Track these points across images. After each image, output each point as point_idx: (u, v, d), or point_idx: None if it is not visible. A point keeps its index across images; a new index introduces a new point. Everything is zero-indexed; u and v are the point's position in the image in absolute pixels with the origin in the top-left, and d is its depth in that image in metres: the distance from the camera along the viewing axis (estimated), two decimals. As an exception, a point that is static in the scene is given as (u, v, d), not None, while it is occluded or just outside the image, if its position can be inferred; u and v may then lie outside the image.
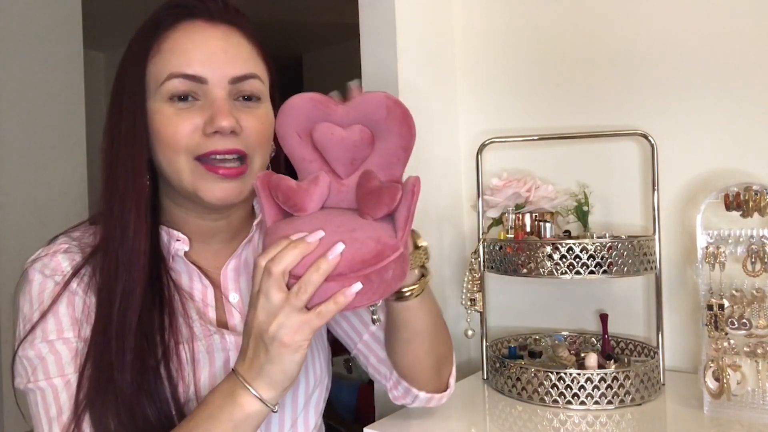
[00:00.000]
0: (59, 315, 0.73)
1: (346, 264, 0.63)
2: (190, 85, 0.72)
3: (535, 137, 1.33)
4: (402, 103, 0.69)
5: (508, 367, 1.14)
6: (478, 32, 1.51)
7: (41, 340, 0.72)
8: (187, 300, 0.78)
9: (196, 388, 0.75)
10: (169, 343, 0.74)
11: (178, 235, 0.79)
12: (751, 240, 1.03)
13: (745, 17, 1.18)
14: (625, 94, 1.31)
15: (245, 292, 0.82)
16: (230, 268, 0.83)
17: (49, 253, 0.76)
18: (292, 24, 4.09)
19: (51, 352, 0.72)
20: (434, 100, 1.46)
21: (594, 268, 1.08)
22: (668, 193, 1.24)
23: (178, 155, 0.72)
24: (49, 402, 0.71)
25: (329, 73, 4.68)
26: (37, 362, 0.72)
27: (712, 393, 1.00)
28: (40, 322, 0.73)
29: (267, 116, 0.78)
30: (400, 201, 0.65)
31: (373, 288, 0.64)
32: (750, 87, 1.18)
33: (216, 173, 0.73)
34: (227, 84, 0.73)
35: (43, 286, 0.74)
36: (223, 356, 0.78)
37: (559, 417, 1.03)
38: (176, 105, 0.72)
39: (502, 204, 1.24)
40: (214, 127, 0.71)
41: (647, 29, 1.28)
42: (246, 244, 0.84)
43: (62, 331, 0.73)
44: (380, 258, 0.63)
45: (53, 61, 2.42)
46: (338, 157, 0.69)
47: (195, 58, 0.72)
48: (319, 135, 0.69)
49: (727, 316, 1.01)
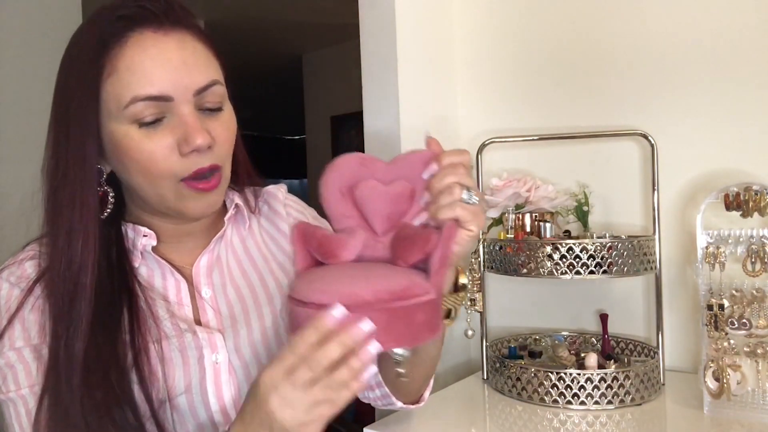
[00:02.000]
0: (25, 321, 0.73)
1: (372, 292, 0.60)
2: (155, 106, 0.69)
3: (535, 137, 1.33)
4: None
5: (508, 367, 1.14)
6: (478, 32, 1.51)
7: (9, 348, 0.72)
8: (154, 300, 0.77)
9: (168, 388, 0.73)
10: (139, 346, 0.72)
11: (144, 231, 0.78)
12: (751, 240, 1.03)
13: (745, 17, 1.18)
14: (625, 94, 1.31)
15: (218, 288, 0.81)
16: (202, 264, 0.81)
17: (16, 261, 0.76)
18: (292, 24, 4.09)
19: (20, 360, 0.72)
20: (434, 100, 1.46)
21: (594, 268, 1.08)
22: (668, 193, 1.24)
23: (161, 180, 0.71)
24: (21, 414, 0.71)
25: (329, 73, 4.68)
26: (6, 371, 0.72)
27: (712, 393, 1.00)
28: (7, 329, 0.72)
29: (231, 121, 0.76)
30: (435, 246, 0.64)
31: (399, 328, 0.60)
32: (750, 87, 1.18)
33: (196, 189, 0.72)
34: (192, 97, 0.70)
35: (10, 294, 0.74)
36: (197, 354, 0.76)
37: (559, 417, 1.03)
38: (143, 128, 0.69)
39: (502, 204, 1.24)
40: (191, 146, 0.69)
41: (647, 29, 1.28)
42: (218, 240, 0.83)
43: (29, 338, 0.72)
44: (408, 293, 0.61)
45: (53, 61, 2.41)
46: (378, 211, 0.70)
47: (155, 76, 0.68)
48: (361, 190, 0.70)
49: (727, 316, 1.01)
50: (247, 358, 0.78)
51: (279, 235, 0.89)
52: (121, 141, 0.70)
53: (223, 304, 0.81)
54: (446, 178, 0.67)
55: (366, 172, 0.71)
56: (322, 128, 4.71)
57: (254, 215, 0.89)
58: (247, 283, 0.83)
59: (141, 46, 0.69)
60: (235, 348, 0.78)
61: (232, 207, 0.84)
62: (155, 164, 0.70)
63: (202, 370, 0.75)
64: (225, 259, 0.84)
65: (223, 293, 0.82)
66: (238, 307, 0.81)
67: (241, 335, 0.79)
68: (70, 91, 0.71)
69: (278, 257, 0.87)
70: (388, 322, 0.59)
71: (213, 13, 3.62)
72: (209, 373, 0.76)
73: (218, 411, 0.76)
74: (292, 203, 0.92)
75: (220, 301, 0.81)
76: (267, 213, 0.90)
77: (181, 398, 0.74)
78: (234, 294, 0.82)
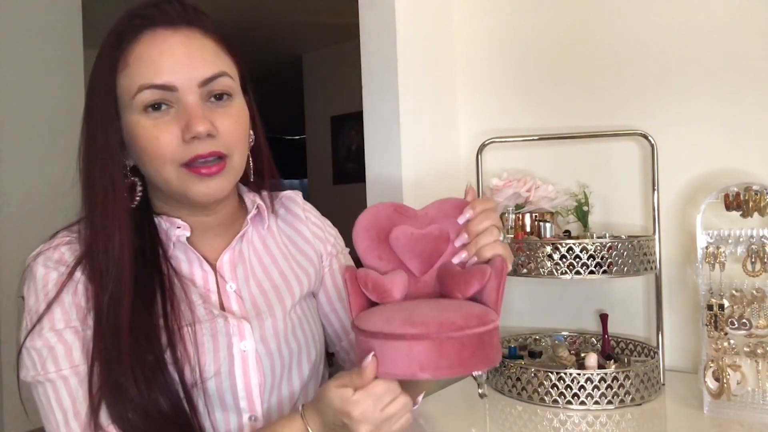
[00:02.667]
0: (65, 304, 0.74)
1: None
2: (160, 94, 0.73)
3: (535, 137, 1.33)
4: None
5: (508, 367, 1.14)
6: (478, 33, 1.51)
7: (49, 329, 0.73)
8: (188, 285, 0.80)
9: (200, 372, 0.76)
10: (173, 328, 0.76)
11: (178, 222, 0.81)
12: (751, 240, 1.03)
13: (744, 18, 1.18)
14: (625, 94, 1.31)
15: (242, 281, 0.85)
16: (225, 261, 0.85)
17: (51, 247, 0.78)
18: (292, 24, 4.10)
19: (60, 342, 0.73)
20: (434, 100, 1.46)
21: (594, 268, 1.08)
22: (668, 193, 1.24)
23: (164, 165, 0.75)
24: (62, 395, 0.72)
25: (329, 73, 4.69)
26: (45, 353, 0.73)
27: (712, 393, 1.00)
28: (47, 313, 0.74)
29: (240, 113, 0.80)
30: (489, 279, 0.70)
31: (484, 351, 0.66)
32: (750, 87, 1.18)
33: (198, 173, 0.76)
34: (197, 88, 0.75)
35: (48, 277, 0.75)
36: (227, 341, 0.79)
37: (559, 417, 1.03)
38: (152, 115, 0.74)
39: (502, 204, 1.24)
40: (191, 133, 0.73)
41: (647, 30, 1.28)
42: (240, 238, 0.86)
43: (70, 320, 0.74)
44: (486, 319, 0.67)
45: (53, 61, 2.42)
46: (416, 253, 0.76)
47: (162, 66, 0.73)
48: (397, 234, 0.76)
49: (727, 316, 1.01)
50: (272, 347, 0.82)
51: (298, 236, 0.93)
52: (133, 130, 0.75)
53: (247, 296, 0.84)
54: (485, 222, 0.75)
55: (400, 218, 0.77)
56: (322, 128, 4.72)
57: (273, 216, 0.92)
58: (269, 278, 0.87)
59: (150, 42, 0.74)
60: (261, 338, 0.81)
61: (254, 208, 0.87)
62: (160, 150, 0.74)
63: (230, 356, 0.78)
64: (247, 256, 0.87)
65: (247, 287, 0.85)
66: (261, 299, 0.84)
67: (267, 325, 0.82)
68: (94, 86, 0.77)
69: (297, 257, 0.91)
70: (477, 346, 0.65)
71: (213, 13, 3.58)
72: (237, 360, 0.79)
73: (244, 398, 0.79)
74: (310, 210, 0.97)
75: (245, 294, 0.84)
76: (285, 216, 0.94)
77: (210, 382, 0.77)
78: (257, 288, 0.85)
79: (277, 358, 0.82)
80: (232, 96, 0.78)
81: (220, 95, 0.77)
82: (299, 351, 0.85)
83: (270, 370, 0.81)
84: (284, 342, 0.83)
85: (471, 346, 0.65)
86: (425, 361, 0.64)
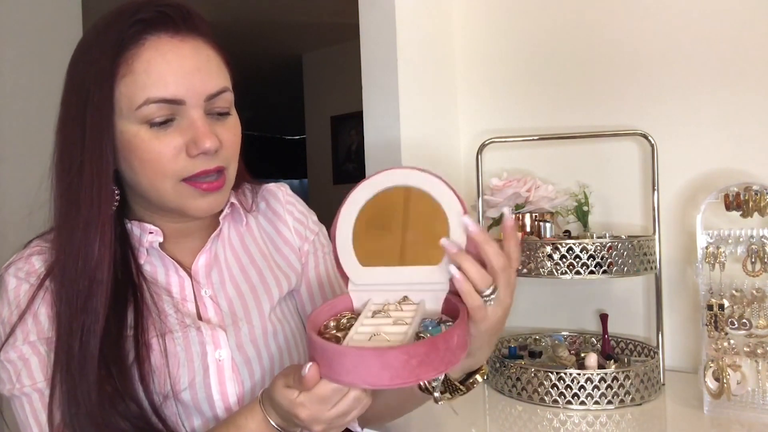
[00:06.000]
0: (38, 315, 0.73)
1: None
2: (168, 109, 0.71)
3: (535, 137, 1.33)
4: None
5: (508, 367, 1.14)
6: (477, 32, 1.51)
7: (22, 341, 0.72)
8: (159, 294, 0.78)
9: (172, 384, 0.74)
10: (140, 341, 0.73)
11: (150, 228, 0.79)
12: (751, 240, 1.03)
13: (744, 18, 1.18)
14: (625, 94, 1.31)
15: (218, 286, 0.83)
16: (201, 264, 0.83)
17: (23, 257, 0.77)
18: (292, 24, 4.09)
19: (34, 353, 0.72)
20: (434, 100, 1.46)
21: (594, 268, 1.08)
22: (668, 193, 1.24)
23: (163, 179, 0.72)
24: (38, 409, 0.71)
25: (329, 73, 4.68)
26: (20, 365, 0.72)
27: (712, 393, 1.00)
28: (20, 324, 0.73)
29: (237, 125, 0.79)
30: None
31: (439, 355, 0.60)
32: (749, 87, 1.18)
33: (200, 188, 0.74)
34: (203, 102, 0.72)
35: (19, 289, 0.74)
36: (200, 350, 0.77)
37: (559, 417, 1.03)
38: (154, 129, 0.71)
39: (502, 204, 1.24)
40: (200, 149, 0.71)
41: (647, 30, 1.28)
42: (215, 239, 0.84)
43: (42, 331, 0.73)
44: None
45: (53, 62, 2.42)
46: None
47: (171, 80, 0.70)
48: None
49: (727, 316, 1.01)
50: (250, 353, 0.80)
51: (278, 236, 0.89)
52: (130, 140, 0.72)
53: (223, 301, 0.82)
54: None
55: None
56: (322, 128, 4.71)
57: (251, 213, 0.90)
58: (246, 279, 0.84)
59: (158, 50, 0.71)
60: (237, 345, 0.79)
61: (227, 206, 0.85)
62: (161, 164, 0.71)
63: (205, 366, 0.76)
64: (223, 258, 0.85)
65: (223, 291, 0.82)
66: (238, 303, 0.82)
67: (243, 332, 0.80)
68: (87, 90, 0.72)
69: (276, 258, 0.88)
70: (425, 356, 0.60)
71: (213, 13, 3.62)
72: (212, 369, 0.77)
73: (222, 408, 0.77)
74: (293, 204, 0.92)
75: (221, 299, 0.82)
76: (266, 212, 0.91)
77: (185, 393, 0.75)
78: (234, 291, 0.83)
79: (256, 365, 0.80)
80: (229, 109, 0.77)
81: (222, 112, 0.75)
82: (280, 355, 0.82)
83: (249, 377, 0.79)
84: (264, 347, 0.81)
85: (418, 357, 0.59)
86: (375, 370, 0.58)
